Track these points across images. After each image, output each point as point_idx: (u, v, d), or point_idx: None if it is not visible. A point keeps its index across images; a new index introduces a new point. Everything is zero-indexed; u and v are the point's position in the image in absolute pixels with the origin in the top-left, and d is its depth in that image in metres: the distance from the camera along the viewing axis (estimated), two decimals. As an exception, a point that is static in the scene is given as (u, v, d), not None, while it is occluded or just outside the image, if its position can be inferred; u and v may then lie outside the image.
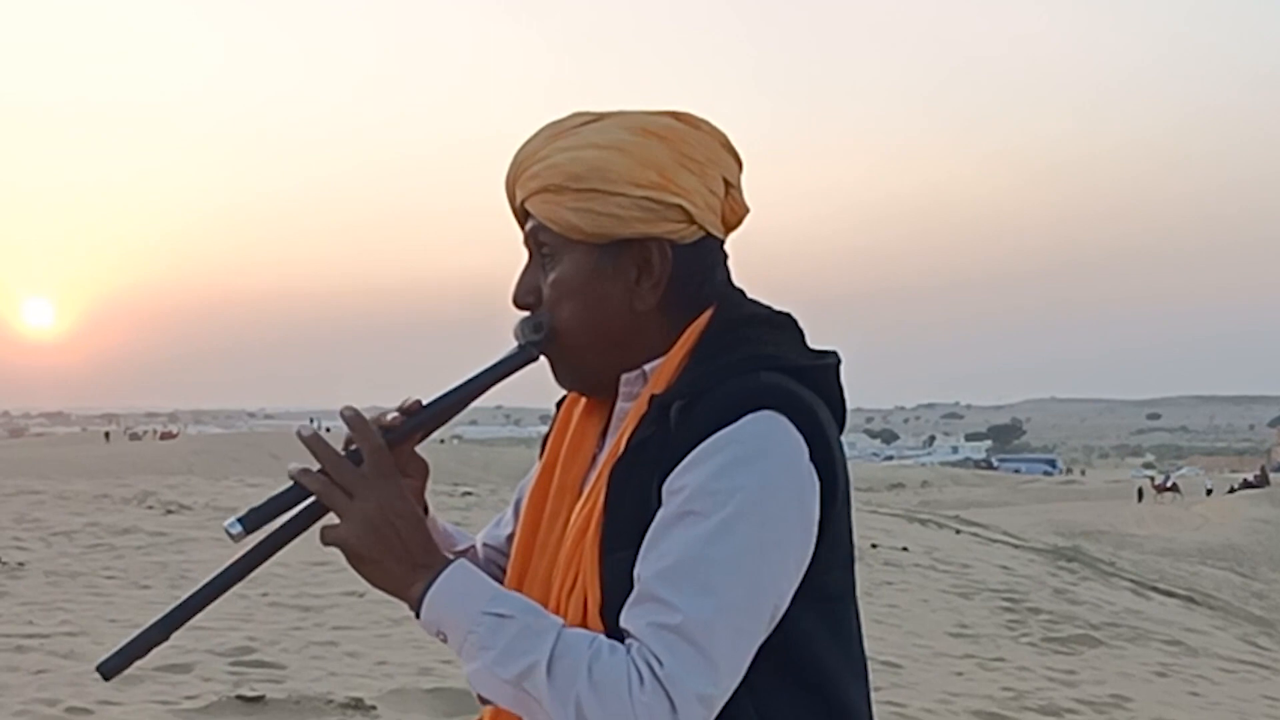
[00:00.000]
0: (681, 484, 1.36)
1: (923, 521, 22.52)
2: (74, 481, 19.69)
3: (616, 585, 1.37)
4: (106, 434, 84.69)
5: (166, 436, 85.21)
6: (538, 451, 1.69)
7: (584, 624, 1.38)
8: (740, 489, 1.33)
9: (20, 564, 9.58)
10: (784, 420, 1.37)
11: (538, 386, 1.61)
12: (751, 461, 1.34)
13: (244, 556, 1.40)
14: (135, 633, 1.38)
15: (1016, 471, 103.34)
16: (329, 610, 7.86)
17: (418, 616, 1.38)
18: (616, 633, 1.36)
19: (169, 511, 14.42)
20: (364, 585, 1.45)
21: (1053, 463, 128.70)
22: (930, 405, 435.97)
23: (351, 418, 1.43)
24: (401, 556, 1.39)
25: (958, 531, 21.25)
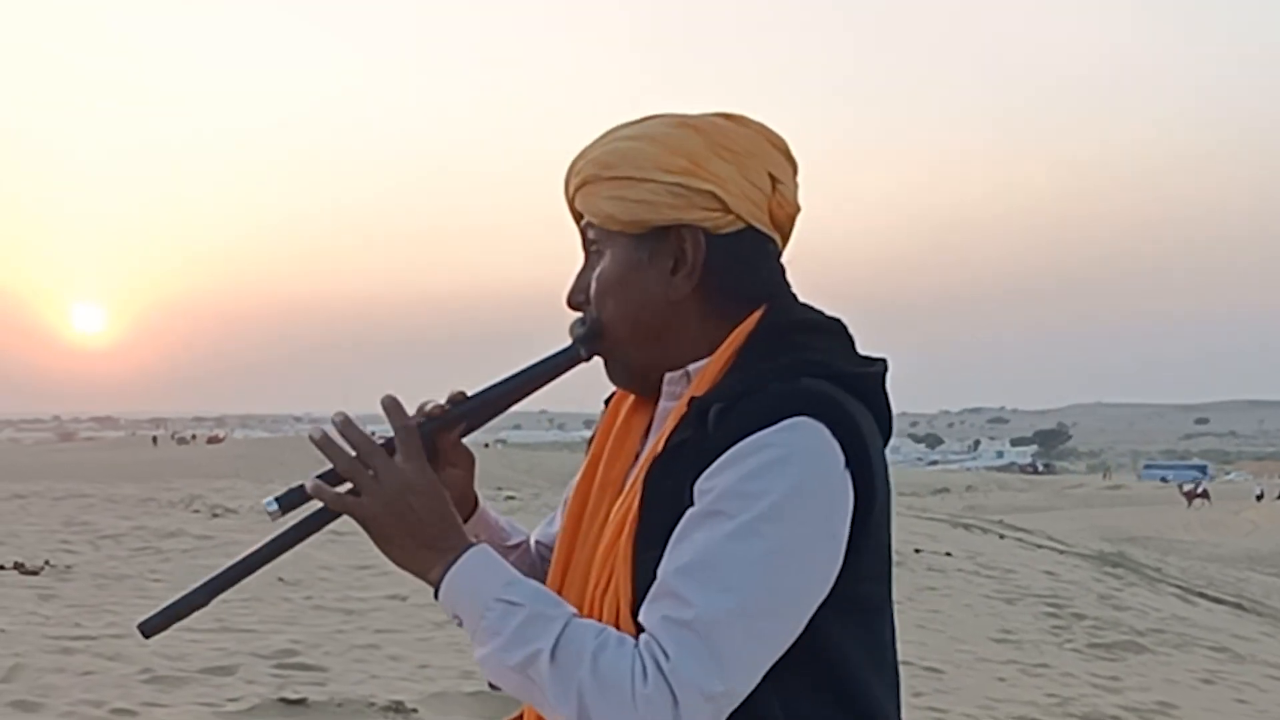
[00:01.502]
0: (711, 485, 1.34)
1: (967, 526, 22.39)
2: (122, 485, 19.88)
3: (647, 584, 1.36)
4: (154, 438, 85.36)
5: (213, 441, 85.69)
6: (585, 449, 1.68)
7: (616, 622, 1.37)
8: (769, 492, 1.31)
9: (68, 567, 9.68)
10: (821, 427, 1.34)
11: (582, 390, 1.67)
12: (783, 466, 1.32)
13: (285, 532, 1.44)
14: (178, 595, 1.40)
15: (1164, 480, 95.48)
16: (372, 613, 7.89)
17: (435, 598, 1.39)
18: None
19: (215, 515, 14.55)
20: (407, 589, 1.46)
21: (1203, 469, 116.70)
22: (975, 410, 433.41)
23: (388, 403, 1.44)
24: (421, 537, 1.39)
25: (1002, 536, 21.13)
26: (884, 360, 1.51)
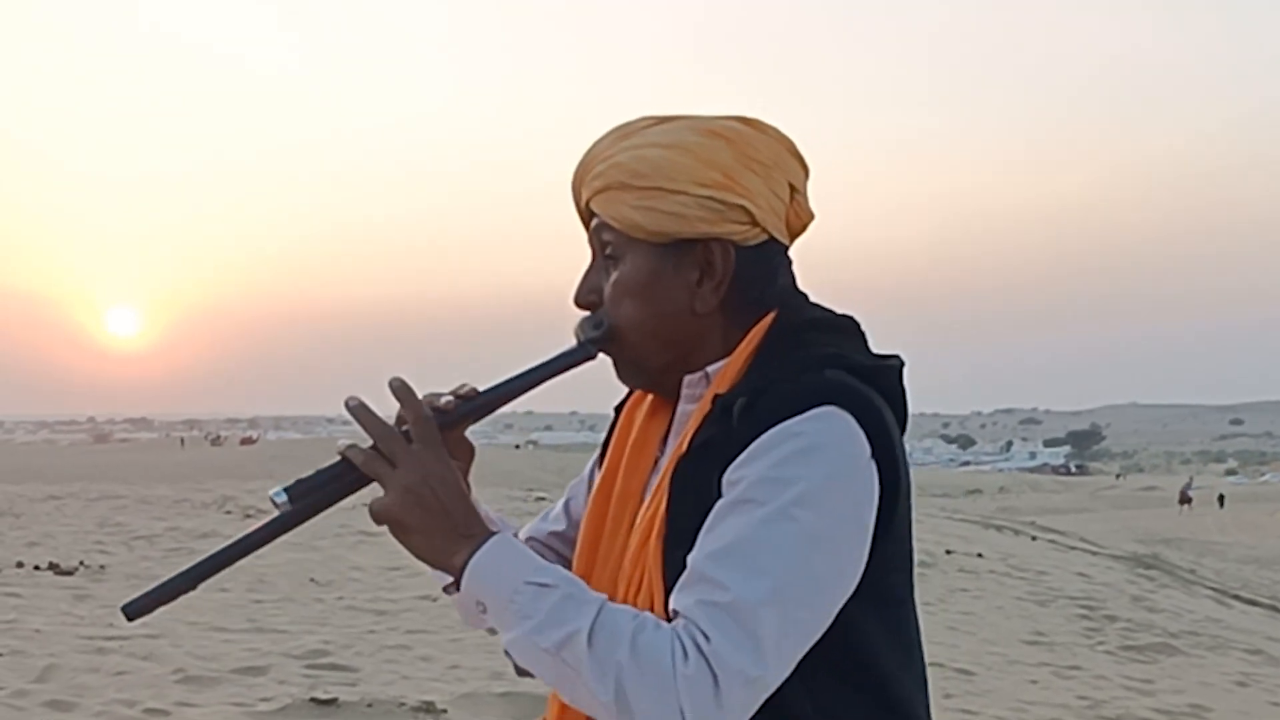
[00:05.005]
0: (740, 474, 1.34)
1: (999, 528, 22.32)
2: (155, 486, 20.04)
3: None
4: (181, 440, 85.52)
5: (246, 442, 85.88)
6: (597, 455, 1.67)
7: None
8: (799, 479, 1.31)
9: (102, 567, 9.75)
10: (847, 416, 1.35)
11: (615, 391, 1.61)
12: (812, 454, 1.32)
13: (277, 519, 1.39)
14: (164, 578, 1.37)
15: None
16: (403, 614, 7.92)
17: (458, 587, 1.35)
18: None
19: (248, 516, 14.64)
20: (438, 590, 1.43)
21: None
22: (1008, 410, 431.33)
23: (398, 388, 1.40)
24: (444, 526, 1.36)
25: (1034, 538, 21.05)
26: (898, 356, 1.51)
